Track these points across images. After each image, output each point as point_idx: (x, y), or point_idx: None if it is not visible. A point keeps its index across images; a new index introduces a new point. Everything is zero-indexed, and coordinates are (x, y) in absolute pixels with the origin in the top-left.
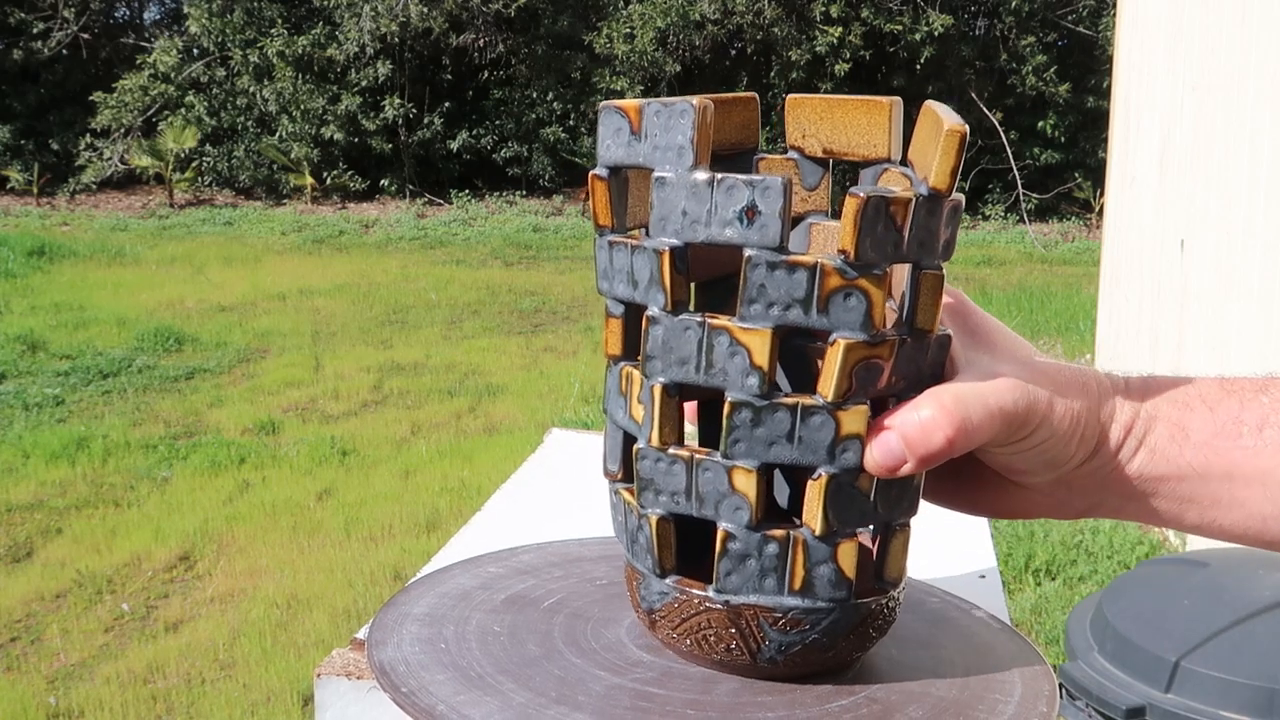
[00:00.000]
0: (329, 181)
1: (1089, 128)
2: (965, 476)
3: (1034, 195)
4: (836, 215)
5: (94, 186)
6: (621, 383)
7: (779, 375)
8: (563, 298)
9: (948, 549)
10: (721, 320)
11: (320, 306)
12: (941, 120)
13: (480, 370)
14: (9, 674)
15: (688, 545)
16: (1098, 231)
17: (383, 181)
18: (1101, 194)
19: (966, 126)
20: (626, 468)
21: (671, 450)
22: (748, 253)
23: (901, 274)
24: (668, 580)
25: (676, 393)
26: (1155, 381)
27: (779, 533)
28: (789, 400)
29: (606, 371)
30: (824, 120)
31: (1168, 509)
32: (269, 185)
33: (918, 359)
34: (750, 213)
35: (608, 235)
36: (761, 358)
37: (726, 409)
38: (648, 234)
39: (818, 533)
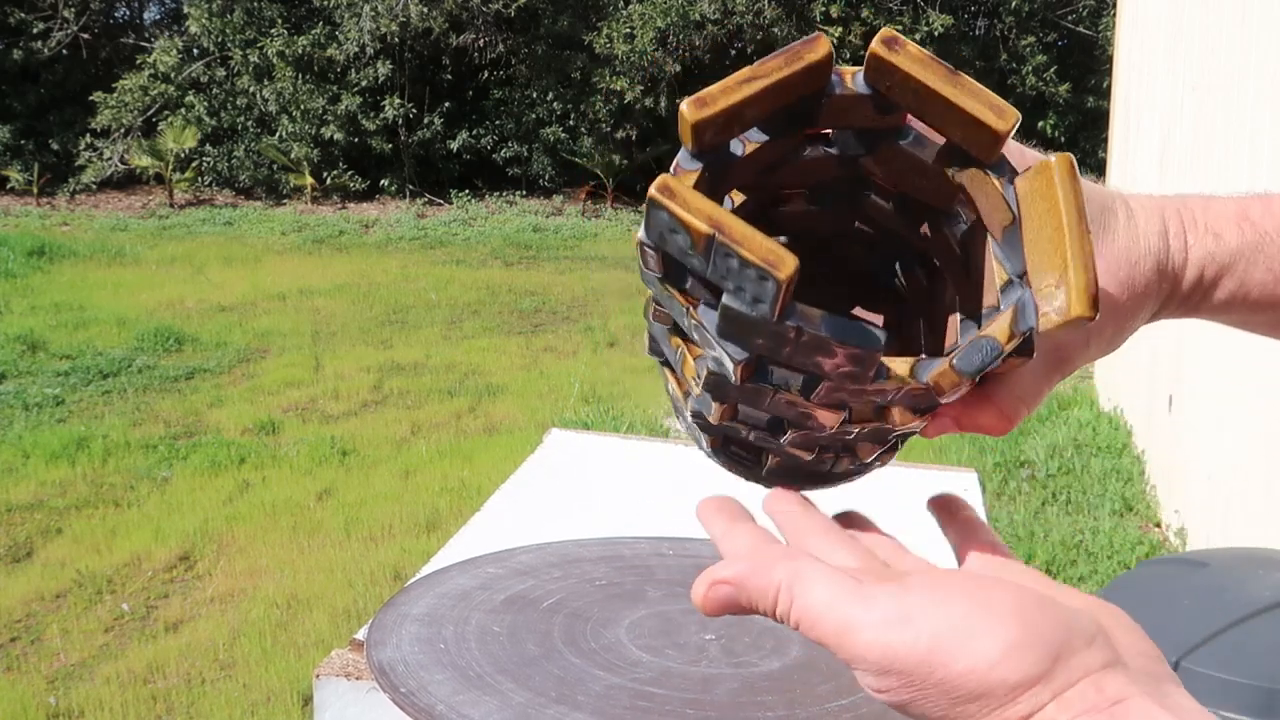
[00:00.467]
0: (329, 181)
1: (1089, 128)
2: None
3: None
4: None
5: (94, 186)
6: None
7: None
8: (563, 298)
9: (948, 549)
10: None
11: (320, 306)
12: (1063, 235)
13: (480, 370)
14: (9, 674)
15: None
16: None
17: (383, 181)
18: None
19: (1087, 253)
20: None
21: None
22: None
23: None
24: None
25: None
26: (1183, 204)
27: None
28: None
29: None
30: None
31: (1193, 293)
32: (269, 185)
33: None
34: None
35: (664, 284)
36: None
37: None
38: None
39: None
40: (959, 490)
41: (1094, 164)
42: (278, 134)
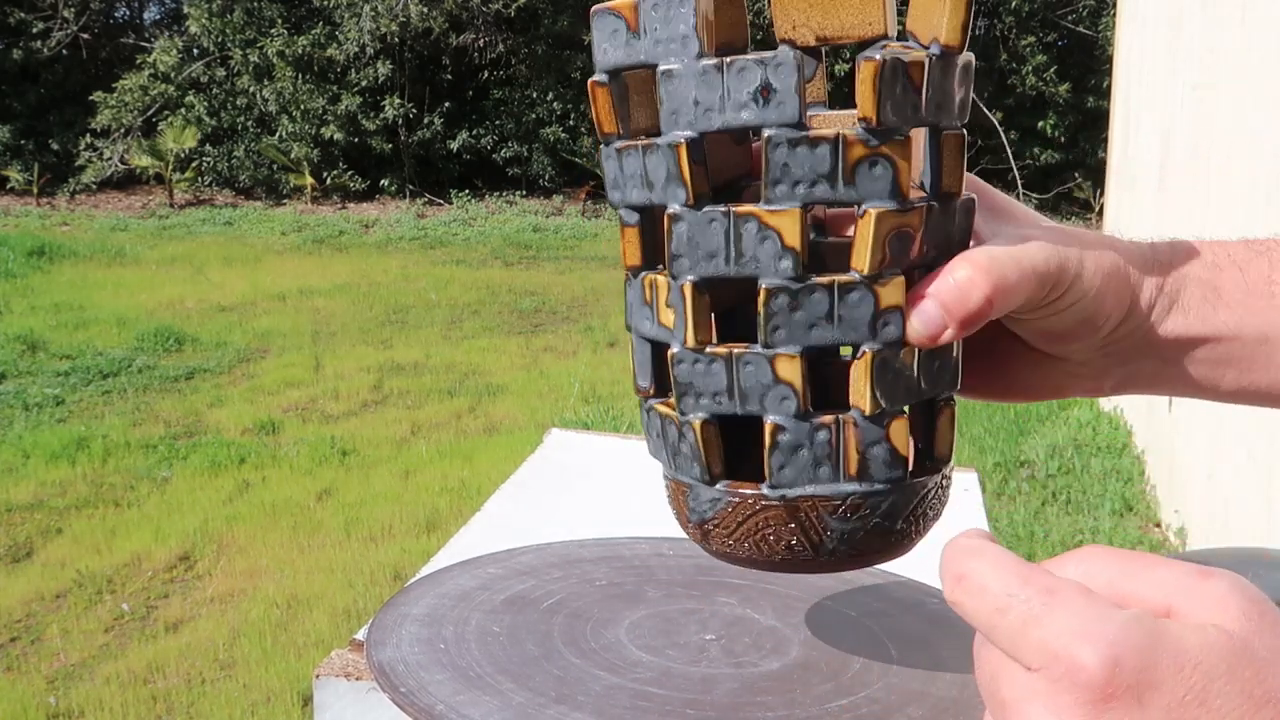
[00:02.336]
0: (329, 181)
1: (1089, 128)
2: (999, 355)
3: (1034, 195)
4: (833, 106)
5: (94, 186)
6: (645, 292)
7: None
8: (563, 298)
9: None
10: (747, 207)
11: (320, 306)
12: None
13: (480, 370)
14: (9, 674)
15: (728, 450)
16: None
17: (383, 181)
18: (1101, 194)
19: None
20: (659, 382)
21: (709, 349)
22: (767, 133)
23: (919, 143)
24: (718, 486)
25: (707, 289)
26: (1182, 245)
27: (828, 418)
28: (825, 280)
29: (626, 286)
30: (814, 7)
31: (1204, 374)
32: (269, 185)
33: (946, 225)
34: (765, 92)
35: (615, 142)
36: (793, 239)
37: (762, 297)
38: (660, 134)
39: (868, 412)
40: (959, 490)
41: (1094, 164)
42: (278, 134)
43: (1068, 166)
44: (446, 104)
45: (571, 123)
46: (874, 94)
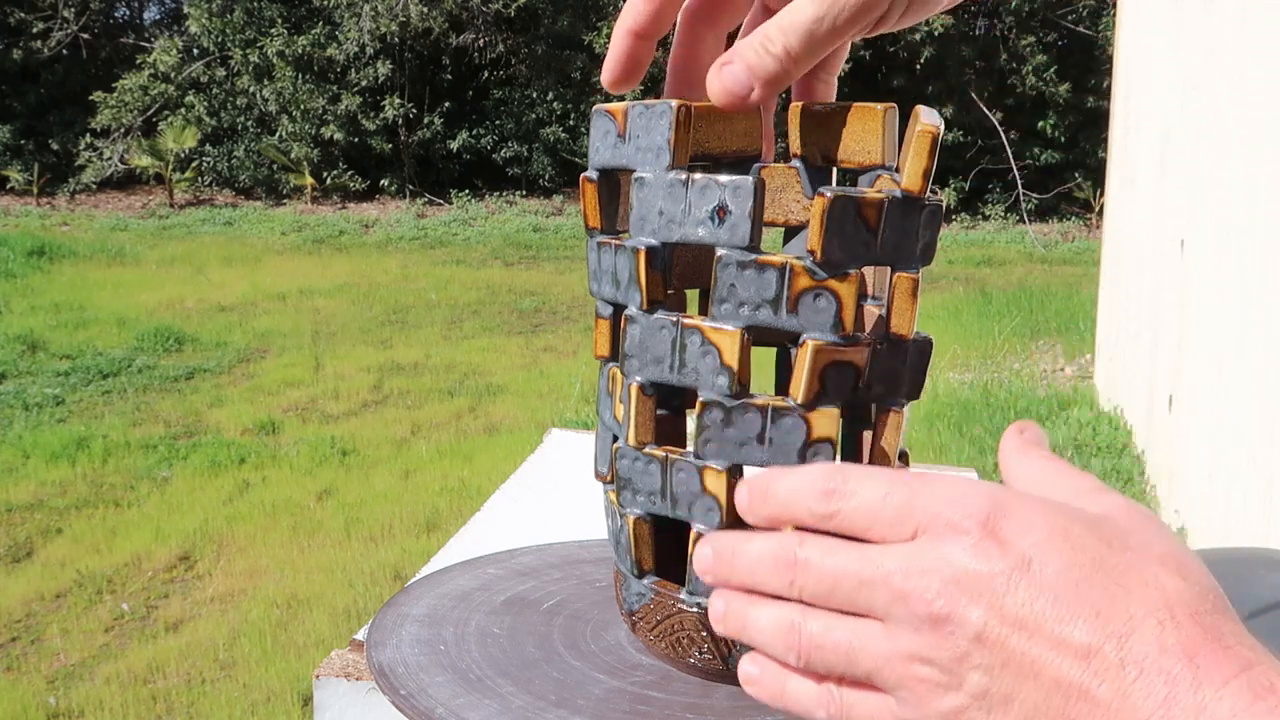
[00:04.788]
0: (329, 181)
1: (1089, 128)
2: None
3: (1034, 195)
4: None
5: (94, 186)
6: (609, 383)
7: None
8: (563, 298)
9: None
10: (694, 320)
11: (320, 306)
12: (917, 121)
13: (480, 370)
14: (9, 674)
15: (677, 548)
16: (1098, 231)
17: (383, 181)
18: (1101, 194)
19: (940, 126)
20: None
21: (647, 450)
22: (719, 252)
23: (884, 274)
24: (645, 581)
25: (653, 392)
26: None
27: None
28: (760, 401)
29: (599, 374)
30: (822, 128)
31: None
32: (269, 185)
33: (895, 363)
34: (721, 212)
35: (597, 236)
36: (731, 357)
37: (698, 408)
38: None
39: None
40: None
41: (1094, 164)
42: (278, 134)
43: (1068, 166)
44: (446, 104)
45: (571, 123)
46: (821, 229)
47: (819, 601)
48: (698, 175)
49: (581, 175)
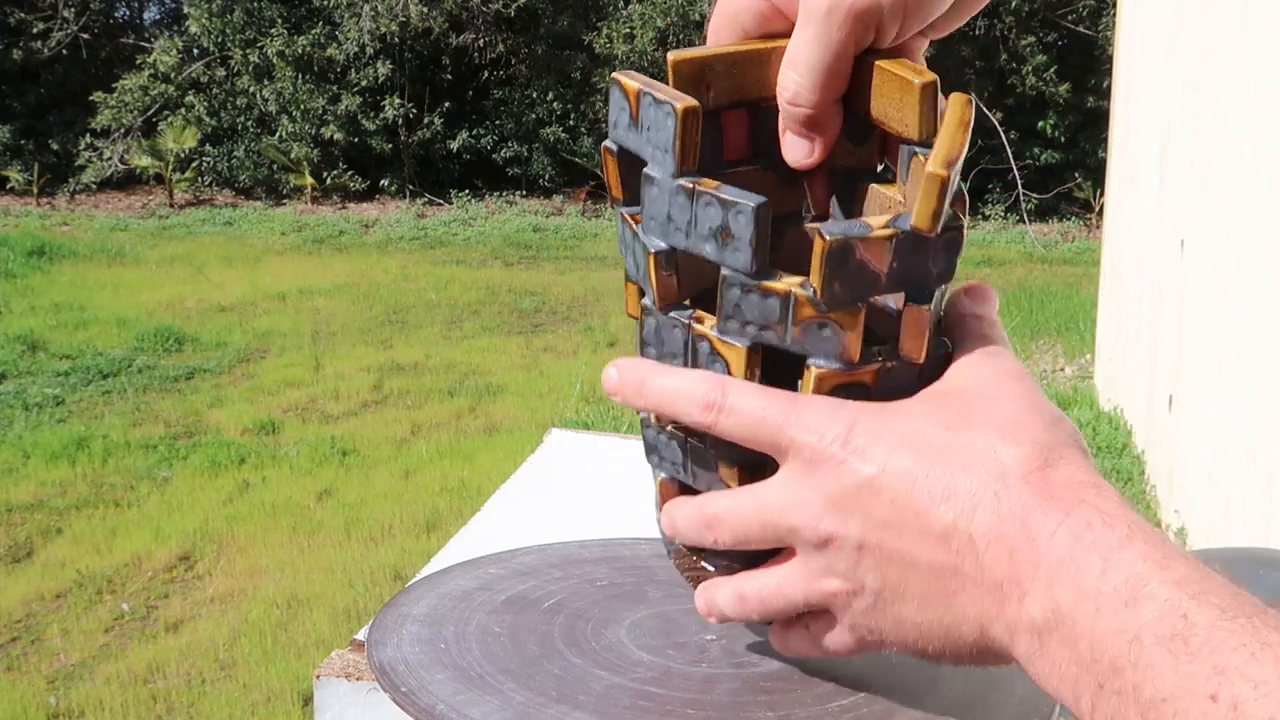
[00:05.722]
0: (329, 181)
1: (1089, 128)
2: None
3: (1034, 195)
4: (887, 178)
5: (94, 186)
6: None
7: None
8: (563, 298)
9: None
10: (704, 328)
11: (320, 306)
12: (932, 157)
13: (480, 370)
14: (9, 674)
15: None
16: (1098, 231)
17: (383, 181)
18: (1101, 194)
19: (948, 171)
20: None
21: (669, 428)
22: (724, 272)
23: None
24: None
25: None
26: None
27: None
28: None
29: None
30: (864, 84)
31: None
32: (269, 185)
33: (905, 379)
34: (724, 234)
35: (621, 208)
36: (738, 370)
37: None
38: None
39: None
40: None
41: (1094, 164)
42: (278, 134)
43: (1068, 166)
44: (446, 104)
45: (571, 123)
46: (821, 271)
47: (738, 546)
48: (704, 188)
49: (603, 144)
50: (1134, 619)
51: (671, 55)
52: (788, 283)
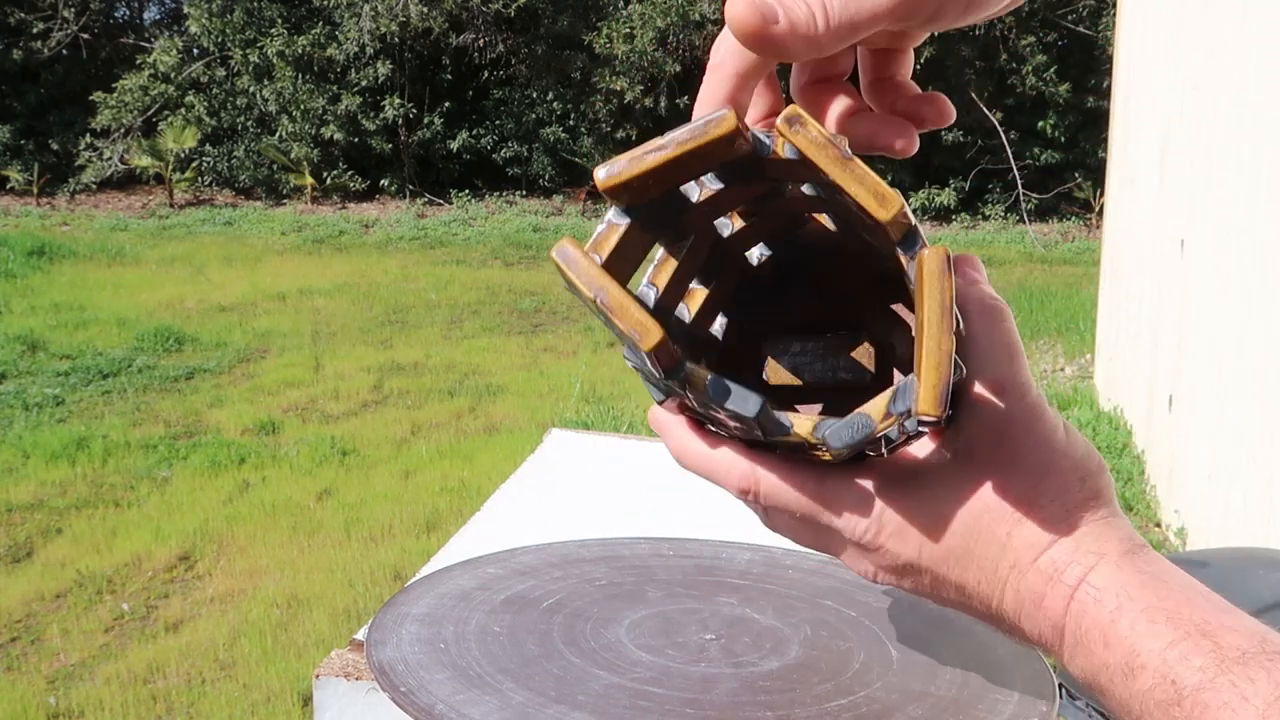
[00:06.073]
0: (329, 181)
1: (1089, 128)
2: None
3: (1034, 195)
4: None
5: (94, 186)
6: None
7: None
8: (563, 298)
9: None
10: (722, 416)
11: (320, 306)
12: (922, 394)
13: (480, 370)
14: (9, 674)
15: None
16: (1098, 231)
17: (383, 181)
18: (1101, 194)
19: (940, 411)
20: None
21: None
22: (732, 422)
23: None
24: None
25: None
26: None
27: None
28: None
29: None
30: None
31: None
32: (269, 185)
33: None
34: (728, 417)
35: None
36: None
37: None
38: None
39: None
40: None
41: (1094, 164)
42: (278, 134)
43: (1068, 166)
44: (446, 104)
45: (571, 123)
46: (830, 457)
47: (778, 519)
48: (695, 399)
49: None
50: (1136, 690)
51: (598, 179)
52: (800, 433)
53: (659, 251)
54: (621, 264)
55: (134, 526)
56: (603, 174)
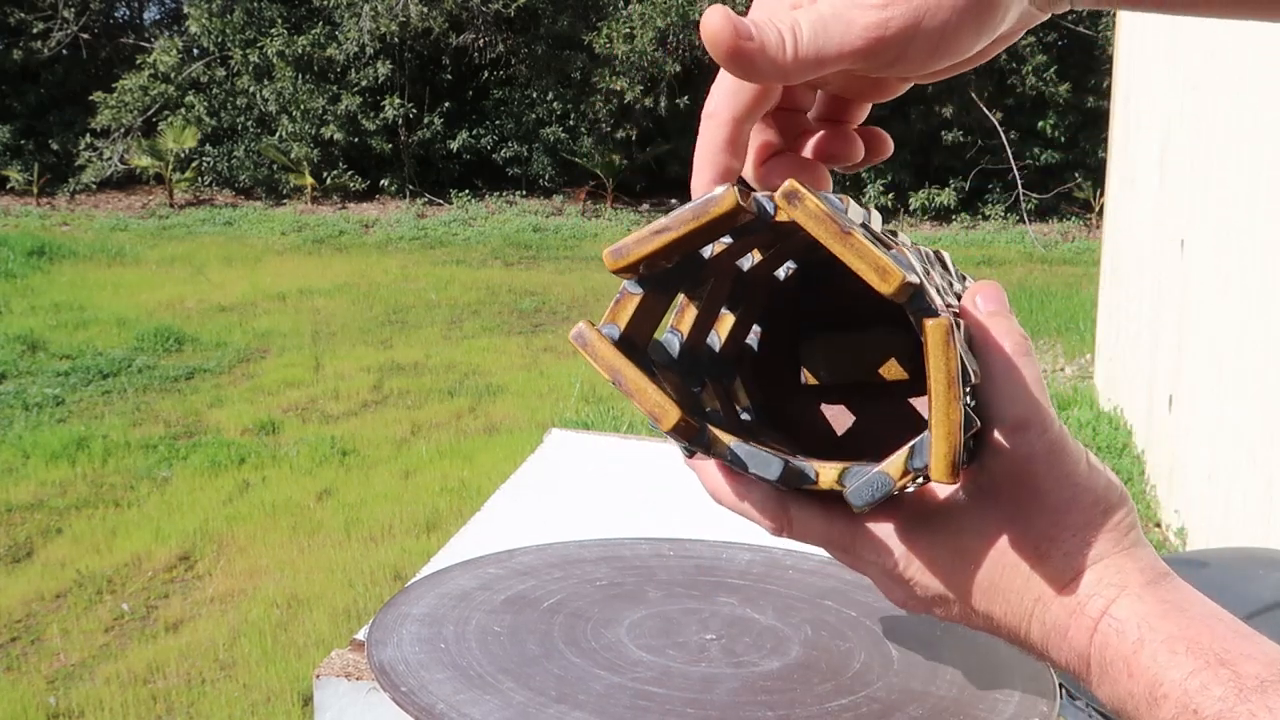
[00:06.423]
0: (329, 181)
1: (1089, 128)
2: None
3: (1034, 195)
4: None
5: (94, 186)
6: None
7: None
8: (563, 298)
9: None
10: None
11: (320, 306)
12: (934, 463)
13: (480, 370)
14: (9, 674)
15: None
16: (1098, 231)
17: (383, 181)
18: (1101, 194)
19: (953, 477)
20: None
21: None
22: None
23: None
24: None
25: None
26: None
27: None
28: None
29: None
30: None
31: None
32: (269, 185)
33: None
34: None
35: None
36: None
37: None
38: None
39: None
40: None
41: (1094, 164)
42: (278, 134)
43: (1068, 166)
44: (446, 104)
45: (571, 123)
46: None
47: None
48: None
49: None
50: (1160, 718)
51: (607, 262)
52: (823, 484)
53: (680, 297)
54: (643, 324)
55: (134, 526)
56: (610, 257)
